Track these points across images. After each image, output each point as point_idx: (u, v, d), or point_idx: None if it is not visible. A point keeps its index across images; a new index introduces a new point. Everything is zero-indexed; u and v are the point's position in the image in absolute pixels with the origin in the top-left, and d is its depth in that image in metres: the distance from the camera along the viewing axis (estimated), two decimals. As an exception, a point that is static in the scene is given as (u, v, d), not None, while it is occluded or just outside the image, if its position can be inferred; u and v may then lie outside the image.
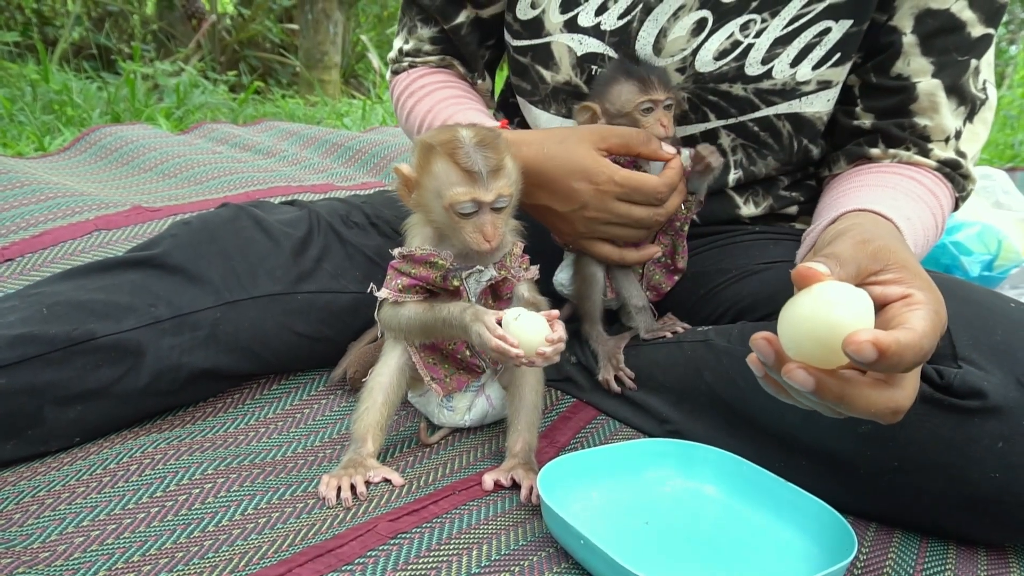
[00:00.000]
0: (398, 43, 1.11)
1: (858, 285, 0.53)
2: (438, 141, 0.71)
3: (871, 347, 0.47)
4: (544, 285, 0.84)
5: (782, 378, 0.53)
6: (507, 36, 0.99)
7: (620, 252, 0.87)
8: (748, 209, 0.99)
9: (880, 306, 0.55)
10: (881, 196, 0.81)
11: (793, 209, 1.02)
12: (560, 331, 0.70)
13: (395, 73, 1.12)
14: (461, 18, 1.03)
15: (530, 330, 0.69)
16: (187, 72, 3.44)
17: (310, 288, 0.91)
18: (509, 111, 1.12)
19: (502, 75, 1.14)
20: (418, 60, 1.08)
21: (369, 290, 0.79)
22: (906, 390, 0.55)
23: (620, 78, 0.85)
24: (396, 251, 0.78)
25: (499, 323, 0.69)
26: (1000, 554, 0.70)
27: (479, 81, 1.09)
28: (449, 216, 0.71)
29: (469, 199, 0.70)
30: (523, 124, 1.07)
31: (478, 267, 0.75)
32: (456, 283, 0.75)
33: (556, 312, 0.71)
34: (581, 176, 0.81)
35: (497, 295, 0.78)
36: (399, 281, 0.76)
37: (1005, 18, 0.87)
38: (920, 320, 0.52)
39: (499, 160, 0.70)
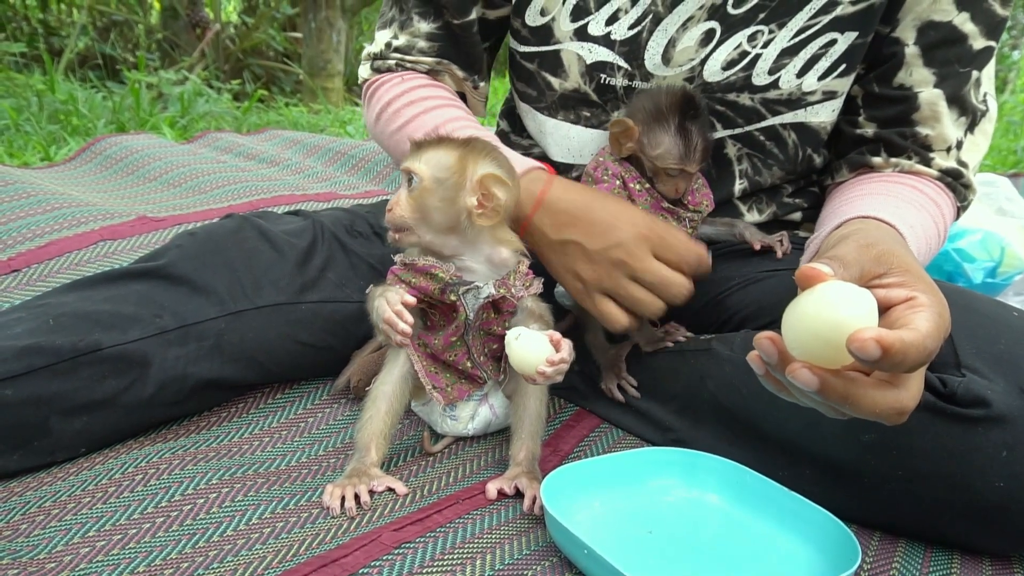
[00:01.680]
0: (384, 36, 1.01)
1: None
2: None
3: (875, 344, 0.47)
4: (545, 294, 0.83)
5: (786, 378, 0.53)
6: (513, 42, 0.99)
7: (627, 321, 0.81)
8: (752, 216, 1.00)
9: (884, 309, 0.55)
10: (884, 204, 0.82)
11: (797, 216, 1.02)
12: (564, 352, 0.70)
13: (378, 71, 1.02)
14: (472, 15, 0.98)
15: (530, 349, 0.70)
16: (191, 81, 3.46)
17: (314, 298, 0.92)
18: (514, 121, 1.11)
19: (505, 85, 1.12)
20: (409, 58, 1.00)
21: (367, 292, 0.80)
22: (911, 391, 0.55)
23: (671, 128, 0.82)
24: (398, 257, 0.78)
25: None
26: (1005, 563, 0.70)
27: (481, 84, 1.05)
28: None
29: (404, 166, 0.75)
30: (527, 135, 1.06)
31: (476, 284, 0.75)
32: (453, 297, 0.75)
33: (558, 335, 0.72)
34: (627, 220, 0.79)
35: (498, 310, 0.78)
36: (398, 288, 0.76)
37: (1008, 23, 0.88)
38: (924, 321, 0.52)
39: (431, 149, 0.73)
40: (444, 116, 0.94)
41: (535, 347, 0.70)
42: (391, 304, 0.71)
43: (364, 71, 1.04)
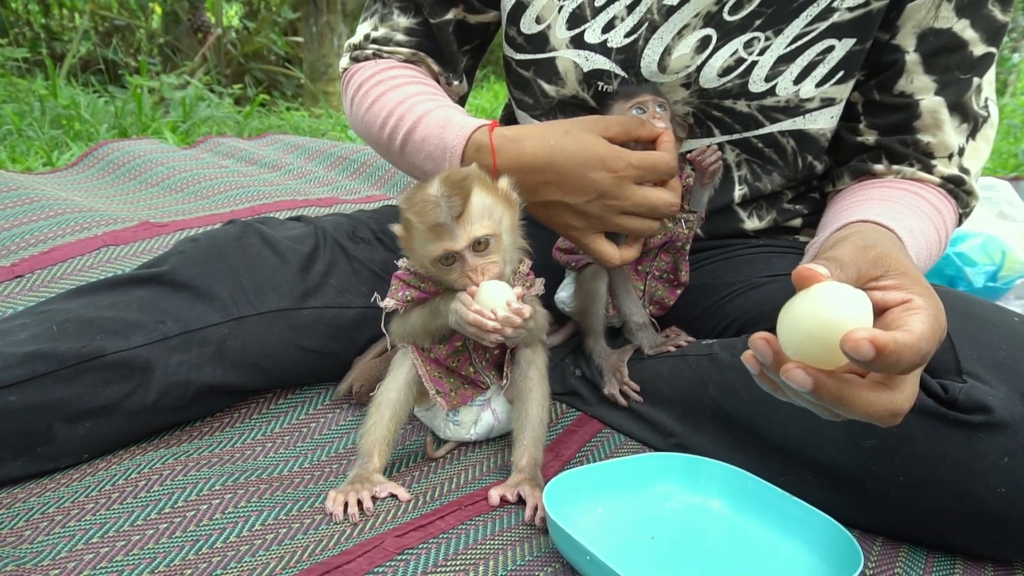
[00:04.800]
0: (364, 29, 1.04)
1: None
2: (408, 205, 0.72)
3: (868, 345, 0.47)
4: (544, 299, 0.83)
5: (780, 378, 0.53)
6: (508, 49, 1.00)
7: (620, 253, 0.84)
8: (752, 223, 1.00)
9: (880, 311, 0.55)
10: (885, 209, 0.82)
11: (797, 222, 1.02)
12: (528, 309, 0.71)
13: (355, 60, 1.04)
14: (449, 16, 1.00)
15: (493, 294, 0.71)
16: (193, 85, 3.46)
17: (316, 303, 0.92)
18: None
19: (504, 90, 1.13)
20: (386, 50, 1.02)
21: (372, 300, 0.80)
22: (905, 393, 0.55)
23: (610, 100, 0.88)
24: (402, 263, 0.78)
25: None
26: (1007, 569, 0.70)
27: (455, 82, 1.06)
28: (437, 269, 0.73)
29: (442, 252, 0.71)
30: None
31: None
32: None
33: (522, 290, 0.73)
34: (598, 165, 0.79)
35: None
36: (407, 292, 0.77)
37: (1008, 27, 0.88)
38: (919, 323, 0.52)
39: (463, 205, 0.69)
40: (407, 92, 0.95)
41: (497, 292, 0.71)
42: (468, 307, 0.71)
43: (343, 62, 1.07)
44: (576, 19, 0.91)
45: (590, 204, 0.81)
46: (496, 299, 0.71)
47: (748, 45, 0.87)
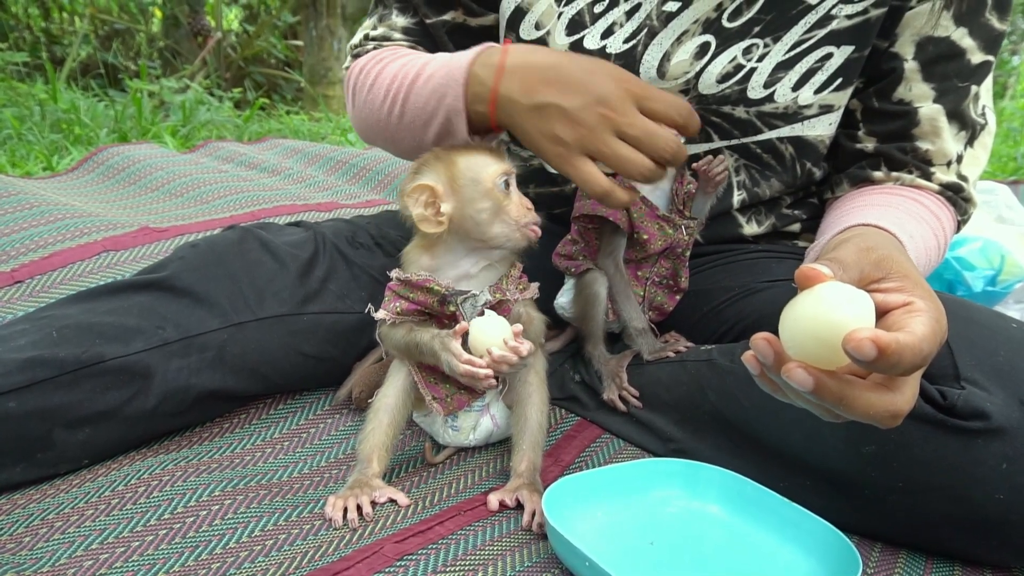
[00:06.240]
0: (364, 30, 1.04)
1: None
2: (451, 146, 0.77)
3: (871, 344, 0.47)
4: (543, 304, 0.83)
5: (781, 378, 0.53)
6: None
7: (609, 183, 0.74)
8: (751, 228, 1.00)
9: (881, 313, 0.55)
10: (884, 213, 0.82)
11: (796, 227, 1.02)
12: (524, 349, 0.70)
13: (356, 57, 1.03)
14: (447, 16, 1.00)
15: (488, 331, 0.71)
16: (193, 89, 3.47)
17: (316, 309, 0.92)
18: (514, 138, 1.11)
19: None
20: (385, 44, 1.01)
21: (367, 311, 0.80)
22: (905, 395, 0.55)
23: None
24: (393, 274, 0.78)
25: (465, 335, 0.72)
26: (1006, 575, 0.70)
27: None
28: (494, 199, 0.75)
29: (503, 171, 0.75)
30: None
31: (472, 292, 0.76)
32: (452, 308, 0.76)
33: (520, 327, 0.72)
34: (604, 74, 0.73)
35: None
36: (397, 304, 0.77)
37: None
38: (920, 325, 0.52)
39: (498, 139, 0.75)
40: (409, 57, 0.92)
41: (493, 329, 0.71)
42: (459, 358, 0.71)
43: (346, 63, 1.06)
44: (575, 25, 0.92)
45: (585, 110, 0.73)
46: (492, 337, 0.70)
47: (747, 52, 0.87)
